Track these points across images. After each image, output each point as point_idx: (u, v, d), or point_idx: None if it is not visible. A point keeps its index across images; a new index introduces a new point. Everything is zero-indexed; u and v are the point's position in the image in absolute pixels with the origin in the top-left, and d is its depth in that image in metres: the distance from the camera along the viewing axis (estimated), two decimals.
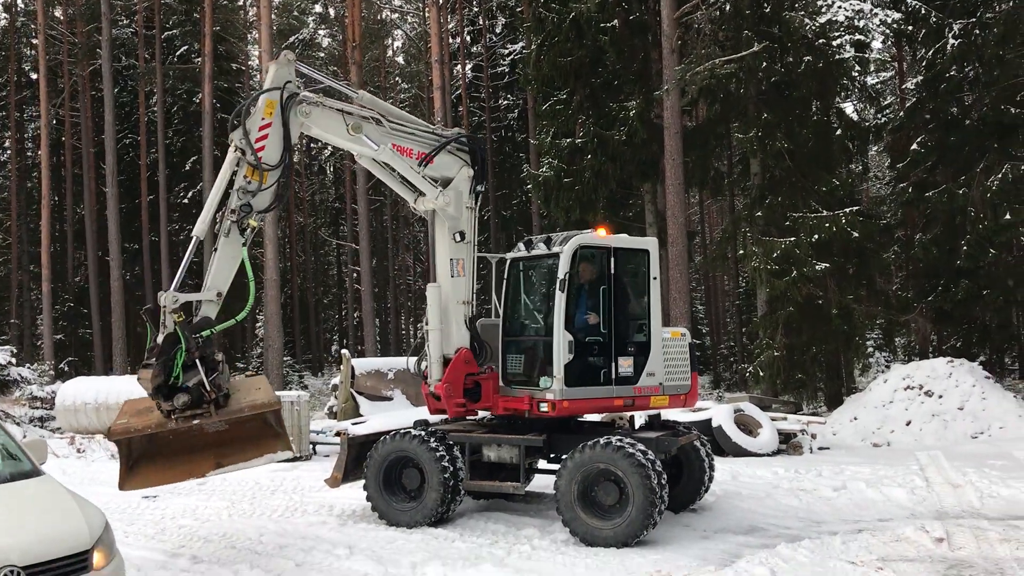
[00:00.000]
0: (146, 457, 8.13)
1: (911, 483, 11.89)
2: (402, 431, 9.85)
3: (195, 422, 7.79)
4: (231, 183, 8.62)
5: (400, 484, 9.75)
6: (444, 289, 10.09)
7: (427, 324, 10.02)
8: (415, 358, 10.50)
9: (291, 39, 42.91)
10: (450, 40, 39.54)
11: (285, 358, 28.89)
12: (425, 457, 9.47)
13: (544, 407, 9.36)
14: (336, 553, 8.28)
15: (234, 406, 8.02)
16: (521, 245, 10.32)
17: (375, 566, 7.83)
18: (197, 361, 7.76)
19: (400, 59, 54.21)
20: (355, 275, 44.18)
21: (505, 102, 40.34)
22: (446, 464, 9.42)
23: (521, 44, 35.28)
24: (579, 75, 23.98)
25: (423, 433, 9.68)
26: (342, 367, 18.93)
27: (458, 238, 10.10)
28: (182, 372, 7.72)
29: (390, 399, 18.19)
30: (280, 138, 8.74)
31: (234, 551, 8.51)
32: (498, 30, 40.81)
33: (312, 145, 55.73)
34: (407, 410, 16.44)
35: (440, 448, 9.49)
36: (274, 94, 8.80)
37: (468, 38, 41.55)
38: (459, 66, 40.12)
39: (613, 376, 9.64)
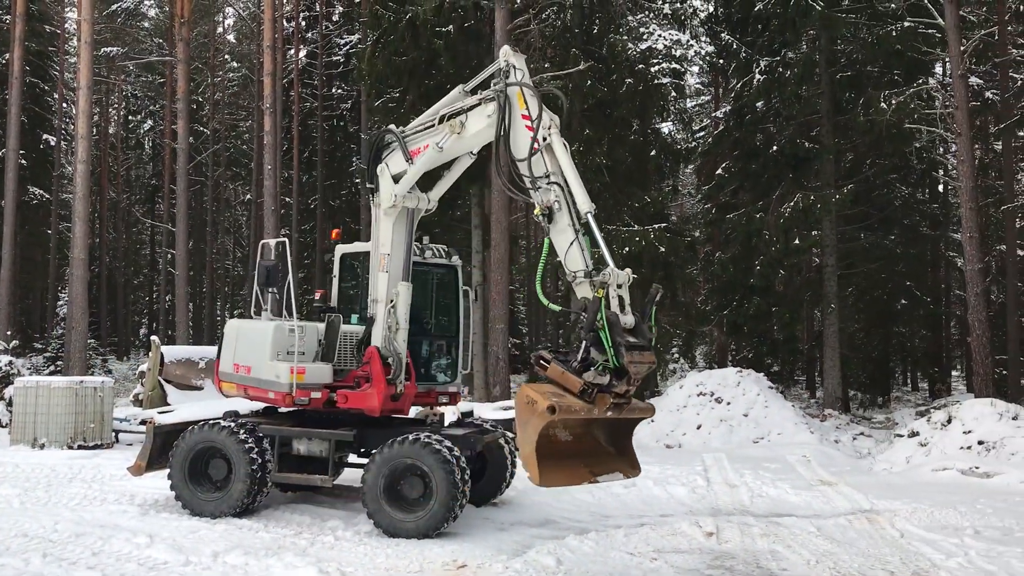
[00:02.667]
0: (546, 451, 7.21)
1: (694, 482, 12.99)
2: (211, 421, 9.85)
3: (609, 413, 7.27)
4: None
5: (206, 475, 9.75)
6: None
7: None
8: None
9: (114, 7, 40.67)
10: (284, 24, 38.75)
11: (89, 341, 27.47)
12: (234, 448, 9.52)
13: (445, 399, 10.70)
14: (136, 542, 8.23)
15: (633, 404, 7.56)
16: (416, 248, 10.44)
17: (176, 555, 7.86)
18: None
19: (231, 37, 52.49)
20: (169, 257, 42.46)
21: (339, 91, 39.92)
22: (255, 456, 9.50)
23: (357, 37, 35.07)
24: (413, 75, 24.18)
25: (233, 424, 9.73)
26: (151, 354, 18.36)
27: None
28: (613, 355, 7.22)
29: (200, 388, 17.82)
30: None
31: (26, 539, 8.27)
32: (335, 18, 40.34)
33: (131, 118, 53.14)
34: (217, 400, 16.18)
35: (249, 440, 9.57)
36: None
37: (303, 23, 40.80)
38: (293, 51, 39.38)
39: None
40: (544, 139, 8.32)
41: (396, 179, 9.84)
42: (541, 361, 7.52)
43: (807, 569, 8.21)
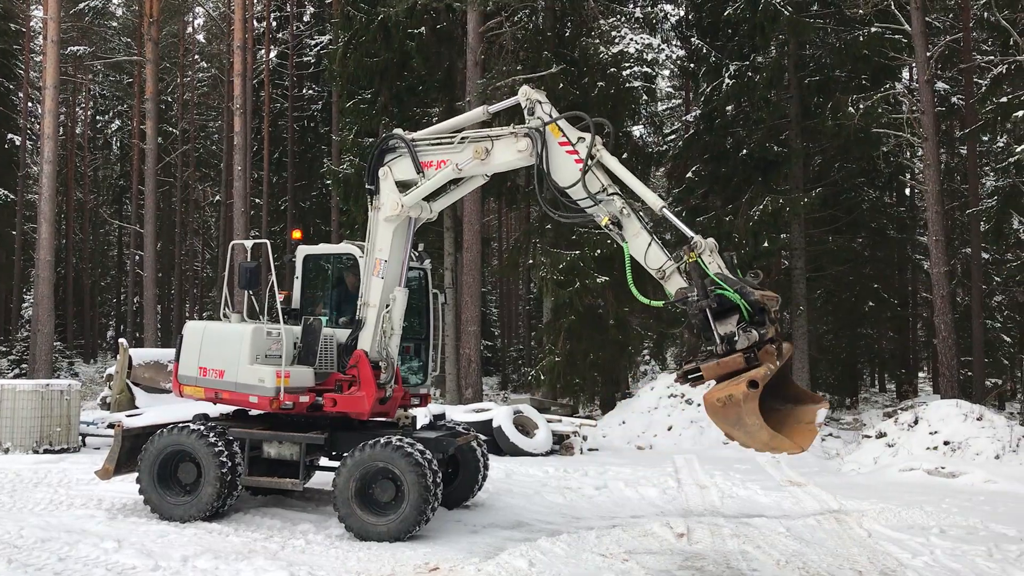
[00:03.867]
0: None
1: (665, 483, 13.05)
2: (180, 424, 9.77)
3: (779, 362, 7.11)
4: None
5: (176, 478, 9.66)
6: None
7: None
8: None
9: (81, 5, 40.18)
10: (255, 24, 38.46)
11: (55, 343, 27.11)
12: (203, 452, 9.44)
13: (417, 400, 10.80)
14: (103, 547, 8.13)
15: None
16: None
17: (144, 559, 7.78)
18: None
19: (201, 37, 52.06)
20: (137, 258, 42.02)
21: (309, 92, 39.72)
22: (224, 459, 9.43)
23: (328, 37, 34.92)
24: (385, 76, 24.17)
25: (202, 428, 9.65)
26: (119, 357, 18.16)
27: None
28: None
29: (169, 391, 17.63)
30: None
31: None
32: (306, 19, 40.14)
33: (99, 117, 52.50)
34: (186, 403, 16.03)
35: (219, 443, 9.49)
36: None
37: (274, 24, 40.55)
38: (263, 51, 39.12)
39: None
40: (592, 157, 8.45)
41: (400, 185, 9.74)
42: (690, 376, 7.50)
43: (776, 569, 8.28)
